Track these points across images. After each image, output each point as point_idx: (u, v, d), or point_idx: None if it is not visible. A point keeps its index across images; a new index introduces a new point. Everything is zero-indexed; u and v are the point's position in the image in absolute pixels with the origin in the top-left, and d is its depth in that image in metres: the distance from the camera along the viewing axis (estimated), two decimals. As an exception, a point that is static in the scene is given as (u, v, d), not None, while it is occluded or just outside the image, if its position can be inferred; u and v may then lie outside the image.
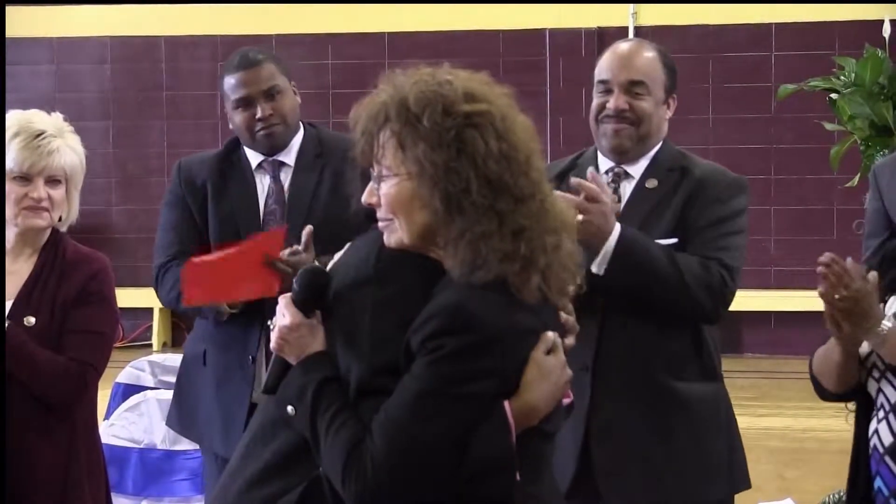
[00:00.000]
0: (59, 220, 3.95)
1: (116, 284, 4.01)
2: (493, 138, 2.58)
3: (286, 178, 4.36)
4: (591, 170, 3.76)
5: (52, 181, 3.88)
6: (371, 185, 2.67)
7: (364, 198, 2.69)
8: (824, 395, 3.54)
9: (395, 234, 2.65)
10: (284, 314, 2.69)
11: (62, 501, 3.86)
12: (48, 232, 3.93)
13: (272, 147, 4.34)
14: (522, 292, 2.60)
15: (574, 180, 3.71)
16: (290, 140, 4.37)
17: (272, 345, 2.71)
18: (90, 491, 3.93)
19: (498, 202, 2.58)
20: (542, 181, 2.66)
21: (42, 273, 3.88)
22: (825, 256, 3.21)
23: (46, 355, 3.80)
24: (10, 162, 3.84)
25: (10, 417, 3.77)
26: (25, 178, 3.85)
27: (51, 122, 3.95)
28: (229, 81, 4.31)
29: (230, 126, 4.40)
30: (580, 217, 3.55)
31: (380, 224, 2.68)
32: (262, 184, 4.37)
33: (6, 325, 3.76)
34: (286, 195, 4.34)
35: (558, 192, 3.43)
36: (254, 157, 4.39)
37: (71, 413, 3.89)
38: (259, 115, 4.27)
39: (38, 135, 3.87)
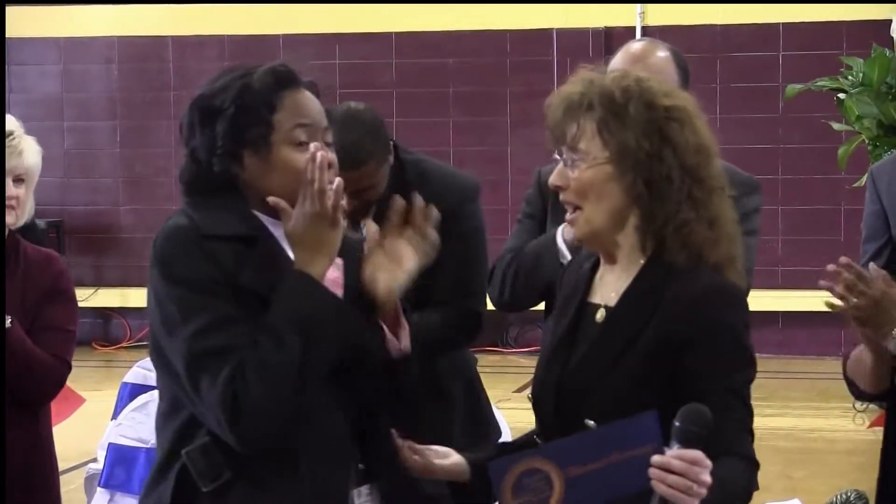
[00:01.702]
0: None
1: (124, 284, 4.06)
2: (689, 132, 2.75)
3: None
4: None
5: (17, 180, 3.95)
6: (560, 168, 2.78)
7: (553, 180, 2.79)
8: (860, 395, 3.52)
9: (580, 222, 2.77)
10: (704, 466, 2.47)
11: (31, 490, 3.94)
12: (6, 232, 3.98)
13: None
14: (733, 278, 2.80)
15: None
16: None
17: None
18: (53, 479, 4.04)
19: (694, 191, 2.73)
20: (723, 176, 2.83)
21: (6, 273, 3.92)
22: (842, 260, 3.17)
23: (39, 352, 3.87)
24: None
25: None
26: None
27: (13, 122, 4.02)
28: None
29: None
30: None
31: (567, 215, 2.79)
32: None
33: (8, 321, 3.81)
34: None
35: None
36: None
37: (37, 410, 3.98)
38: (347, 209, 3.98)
39: (7, 135, 3.95)
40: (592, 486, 2.47)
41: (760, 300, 10.34)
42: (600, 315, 2.78)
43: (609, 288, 2.81)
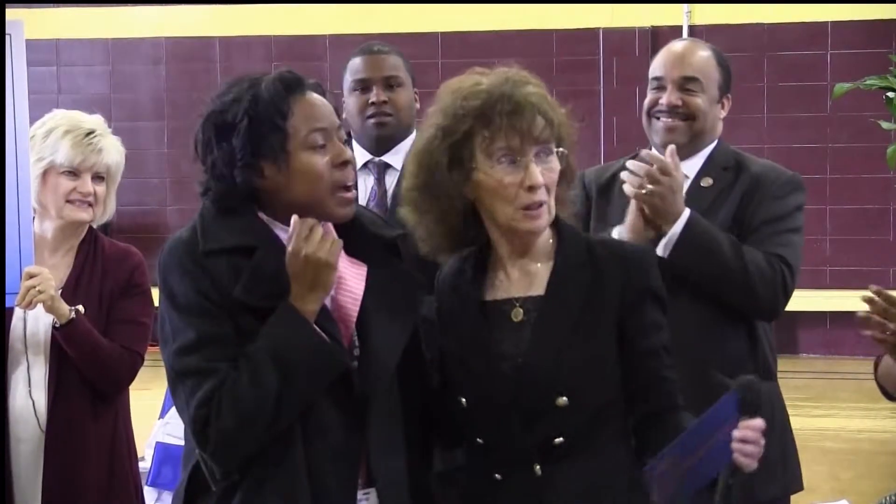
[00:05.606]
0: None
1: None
2: None
3: (391, 181, 4.16)
4: (671, 147, 3.71)
5: (97, 178, 4.06)
6: (533, 167, 2.80)
7: (540, 179, 2.81)
8: (892, 398, 3.50)
9: (546, 215, 2.85)
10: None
11: (110, 478, 4.04)
12: (86, 228, 4.10)
13: (379, 137, 4.16)
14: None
15: (645, 152, 3.70)
16: (401, 140, 4.18)
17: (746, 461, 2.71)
18: (131, 469, 4.13)
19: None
20: None
21: (85, 266, 4.05)
22: (871, 290, 3.11)
23: (107, 343, 3.98)
24: (60, 157, 4.01)
25: (63, 402, 3.97)
26: (74, 173, 4.02)
27: (97, 121, 4.12)
28: (352, 64, 4.23)
29: (343, 115, 3.93)
30: (648, 187, 3.55)
31: (531, 212, 2.82)
32: (366, 185, 4.15)
33: (72, 311, 3.92)
34: (388, 199, 4.13)
35: (630, 161, 3.52)
36: (360, 156, 4.18)
37: (115, 399, 4.08)
38: (373, 99, 4.15)
39: (89, 133, 4.05)
40: (701, 471, 2.72)
41: (808, 300, 10.35)
42: (516, 313, 2.86)
43: (525, 279, 2.89)
